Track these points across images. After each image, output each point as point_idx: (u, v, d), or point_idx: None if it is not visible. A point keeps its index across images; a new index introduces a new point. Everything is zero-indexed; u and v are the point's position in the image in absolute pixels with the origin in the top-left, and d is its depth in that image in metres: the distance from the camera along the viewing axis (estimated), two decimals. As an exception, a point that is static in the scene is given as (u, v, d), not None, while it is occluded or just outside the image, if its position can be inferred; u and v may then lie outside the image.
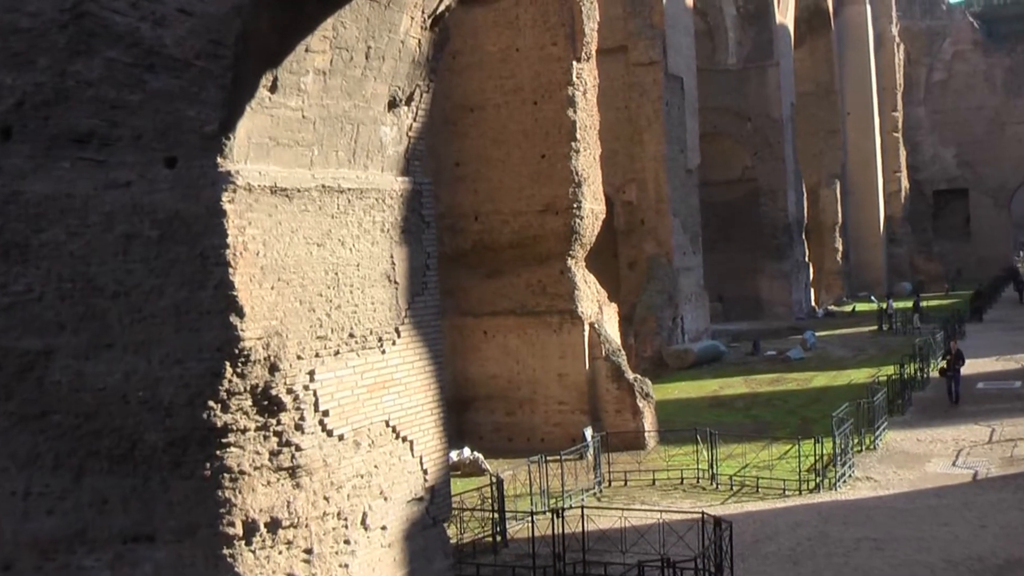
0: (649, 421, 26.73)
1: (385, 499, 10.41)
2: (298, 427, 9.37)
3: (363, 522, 10.17)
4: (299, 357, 9.39)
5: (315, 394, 9.59)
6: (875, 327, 51.12)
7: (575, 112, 27.37)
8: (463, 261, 28.14)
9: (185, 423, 8.99)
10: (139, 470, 9.15)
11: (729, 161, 55.90)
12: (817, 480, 21.84)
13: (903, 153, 77.27)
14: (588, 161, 27.76)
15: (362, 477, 10.10)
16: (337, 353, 9.85)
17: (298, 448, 9.34)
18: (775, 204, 56.67)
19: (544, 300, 27.40)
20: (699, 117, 47.02)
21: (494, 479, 19.13)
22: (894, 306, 52.87)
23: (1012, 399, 30.83)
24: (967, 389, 32.18)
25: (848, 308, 61.77)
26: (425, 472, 11.09)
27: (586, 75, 27.98)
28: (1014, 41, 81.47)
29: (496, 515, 18.68)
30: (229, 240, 8.82)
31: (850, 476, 22.41)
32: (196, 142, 8.88)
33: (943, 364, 32.00)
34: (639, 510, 18.74)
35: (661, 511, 17.67)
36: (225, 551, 9.04)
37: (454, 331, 27.60)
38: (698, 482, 22.53)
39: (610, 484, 22.66)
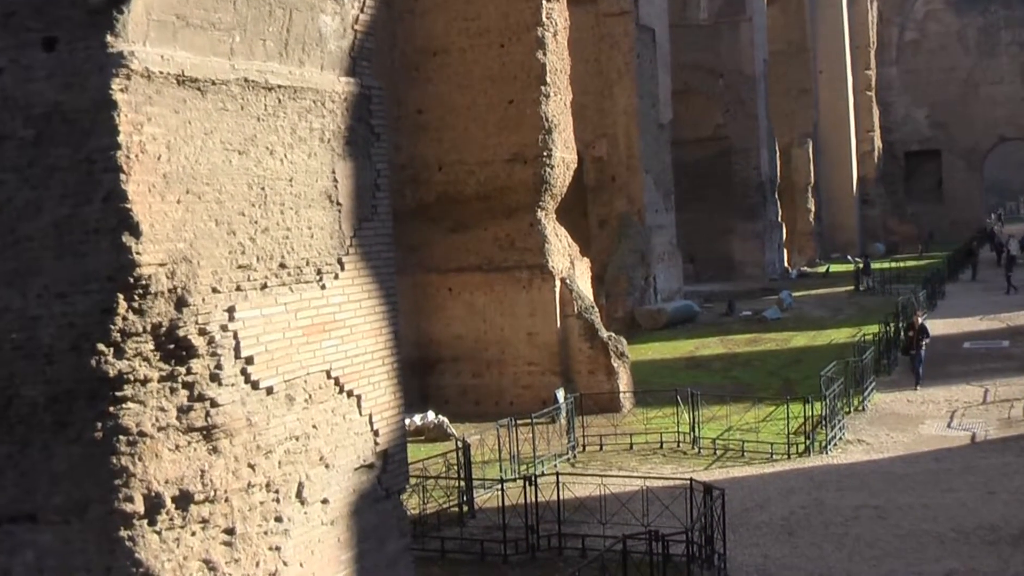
0: (624, 382, 25.54)
1: (326, 466, 8.57)
2: (214, 377, 7.52)
3: (299, 495, 8.32)
4: (215, 290, 7.54)
5: (235, 336, 7.71)
6: (851, 287, 50.28)
7: (545, 55, 25.92)
8: (426, 214, 26.88)
9: (70, 373, 7.19)
10: (15, 433, 7.38)
11: (701, 119, 54.64)
12: (806, 443, 20.74)
13: (876, 113, 76.09)
14: (559, 107, 26.34)
15: (297, 440, 8.26)
16: (264, 287, 7.99)
17: (214, 403, 7.50)
18: (748, 163, 55.62)
19: (512, 255, 26.16)
20: (670, 73, 45.43)
21: (460, 444, 17.75)
22: (871, 266, 51.82)
23: (1002, 358, 29.88)
24: (953, 348, 31.40)
25: (822, 269, 60.77)
26: (376, 434, 9.23)
27: (556, 15, 26.46)
28: (987, 1, 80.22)
29: (463, 483, 17.41)
30: (121, 139, 6.95)
31: (840, 439, 21.36)
32: (80, 18, 7.05)
33: (905, 341, 28.11)
34: (619, 476, 17.50)
35: (644, 478, 16.32)
36: (123, 533, 7.24)
37: (417, 289, 26.62)
38: (679, 446, 21.40)
39: (584, 449, 21.47)
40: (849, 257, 63.71)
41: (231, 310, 7.69)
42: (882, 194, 75.90)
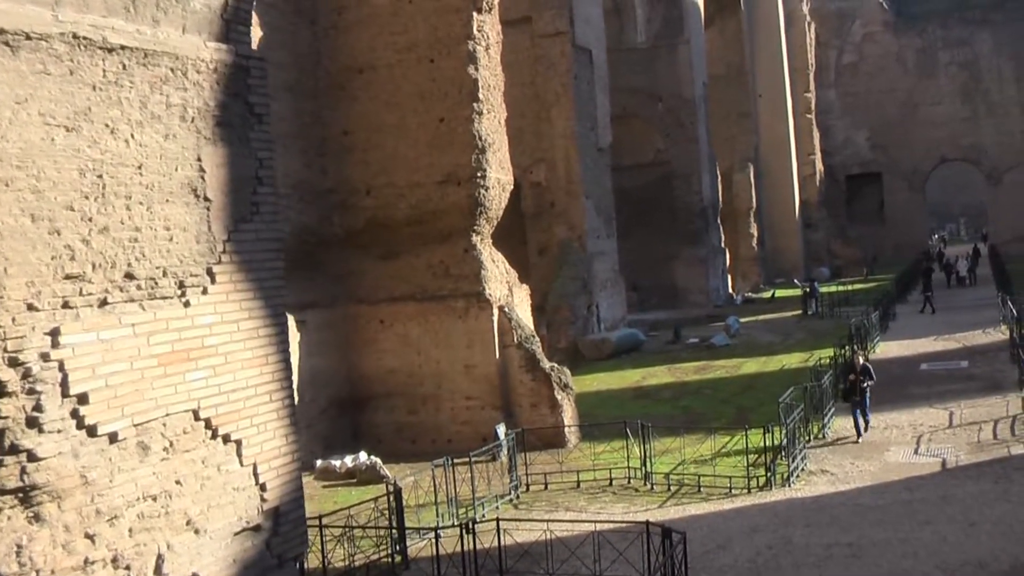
0: (569, 415, 24.26)
1: (196, 532, 6.76)
2: (32, 422, 5.72)
3: (158, 571, 6.51)
4: (31, 307, 5.75)
5: (62, 368, 5.90)
6: (799, 312, 49.38)
7: (477, 69, 24.63)
8: (355, 242, 25.62)
9: None
10: None
11: (640, 144, 53.80)
12: (767, 476, 19.30)
13: (817, 136, 75.68)
14: (493, 125, 24.99)
15: (154, 500, 6.45)
16: (104, 303, 6.18)
17: (32, 457, 5.70)
18: (689, 188, 54.77)
19: (447, 283, 24.94)
20: (608, 96, 44.25)
21: (391, 487, 16.04)
22: (819, 290, 50.69)
23: (963, 379, 28.72)
24: (911, 370, 30.29)
25: (767, 294, 59.78)
26: (262, 488, 7.39)
27: (488, 28, 25.19)
28: (925, 22, 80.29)
29: (395, 531, 15.89)
30: None
31: (803, 470, 19.97)
32: None
33: (846, 385, 23.38)
34: (566, 521, 15.92)
35: (594, 521, 14.78)
36: (-92, 632, 5.45)
37: (347, 321, 25.47)
38: (629, 482, 20.01)
39: (528, 488, 20.11)
40: (796, 281, 62.91)
41: (55, 333, 5.87)
42: (825, 218, 75.35)
